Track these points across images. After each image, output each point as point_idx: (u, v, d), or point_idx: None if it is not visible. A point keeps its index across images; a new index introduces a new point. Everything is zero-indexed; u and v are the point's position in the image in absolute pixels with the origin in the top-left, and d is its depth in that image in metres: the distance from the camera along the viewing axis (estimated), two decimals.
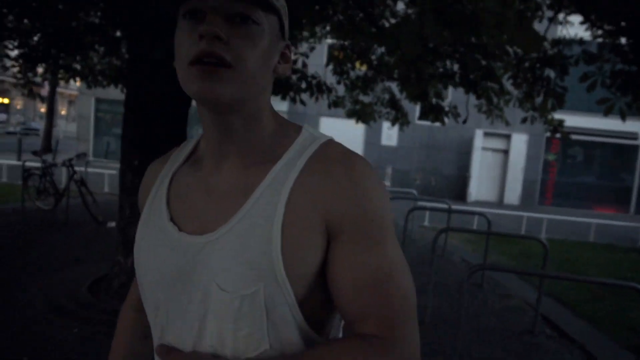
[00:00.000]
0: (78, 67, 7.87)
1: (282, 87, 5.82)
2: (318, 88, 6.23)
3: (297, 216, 0.61)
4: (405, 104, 7.36)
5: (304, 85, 6.19)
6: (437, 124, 13.94)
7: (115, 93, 9.12)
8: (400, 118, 7.28)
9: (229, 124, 0.64)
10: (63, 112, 41.69)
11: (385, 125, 15.93)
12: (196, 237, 0.65)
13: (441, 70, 5.34)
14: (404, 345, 0.61)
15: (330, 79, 6.79)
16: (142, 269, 0.70)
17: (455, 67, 5.15)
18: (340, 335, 0.74)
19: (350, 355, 0.60)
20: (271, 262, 0.60)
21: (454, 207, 6.56)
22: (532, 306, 4.27)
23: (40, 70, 8.72)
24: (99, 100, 17.04)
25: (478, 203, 14.59)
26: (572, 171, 16.32)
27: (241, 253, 0.61)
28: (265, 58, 0.62)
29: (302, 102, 6.09)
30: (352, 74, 6.56)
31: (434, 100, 5.59)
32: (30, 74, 8.45)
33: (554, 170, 16.19)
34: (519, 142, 15.68)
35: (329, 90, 6.35)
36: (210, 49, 0.57)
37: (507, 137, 15.58)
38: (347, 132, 15.04)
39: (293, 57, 6.89)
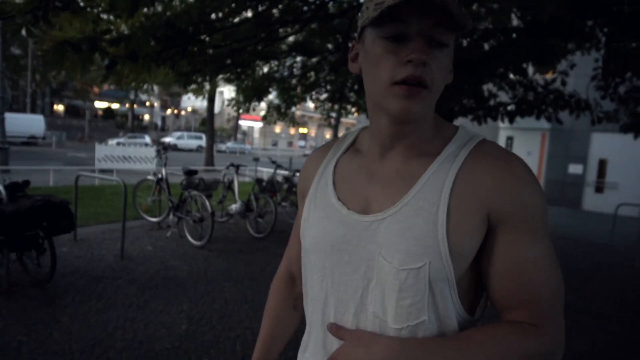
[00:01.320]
0: (361, 102, 10.07)
1: (535, 107, 6.05)
2: (577, 105, 6.13)
3: (461, 203, 0.67)
4: None
5: (561, 103, 6.22)
6: None
7: None
8: None
9: (403, 128, 0.72)
10: None
11: None
12: (364, 215, 0.72)
13: None
14: (554, 335, 0.67)
15: (594, 94, 6.49)
16: (311, 239, 0.78)
17: None
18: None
19: (506, 339, 0.65)
20: (437, 240, 0.66)
21: None
22: None
23: (335, 106, 11.53)
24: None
25: None
26: None
27: (408, 231, 0.67)
28: (447, 74, 0.71)
29: (559, 121, 6.12)
30: (621, 88, 6.11)
31: None
32: (328, 111, 11.28)
33: None
34: None
35: (589, 106, 6.13)
36: (417, 73, 0.64)
37: None
38: (628, 149, 12.84)
39: (552, 75, 6.87)
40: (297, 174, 7.81)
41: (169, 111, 50.03)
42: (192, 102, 43.61)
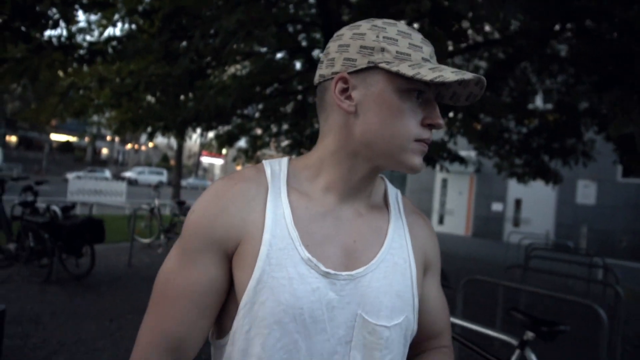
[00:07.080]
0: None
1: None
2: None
3: (417, 257, 0.79)
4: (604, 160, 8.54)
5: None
6: None
7: None
8: (550, 179, 8.61)
9: (372, 178, 0.77)
10: None
11: (582, 183, 15.73)
12: (341, 273, 0.70)
13: None
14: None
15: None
16: (278, 306, 0.67)
17: None
18: None
19: None
20: (412, 294, 0.76)
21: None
22: None
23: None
24: None
25: None
26: None
27: (391, 287, 0.73)
28: None
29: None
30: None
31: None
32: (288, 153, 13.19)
33: None
34: None
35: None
36: (431, 137, 0.72)
37: None
38: (537, 191, 15.51)
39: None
40: None
41: (128, 146, 50.33)
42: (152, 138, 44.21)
